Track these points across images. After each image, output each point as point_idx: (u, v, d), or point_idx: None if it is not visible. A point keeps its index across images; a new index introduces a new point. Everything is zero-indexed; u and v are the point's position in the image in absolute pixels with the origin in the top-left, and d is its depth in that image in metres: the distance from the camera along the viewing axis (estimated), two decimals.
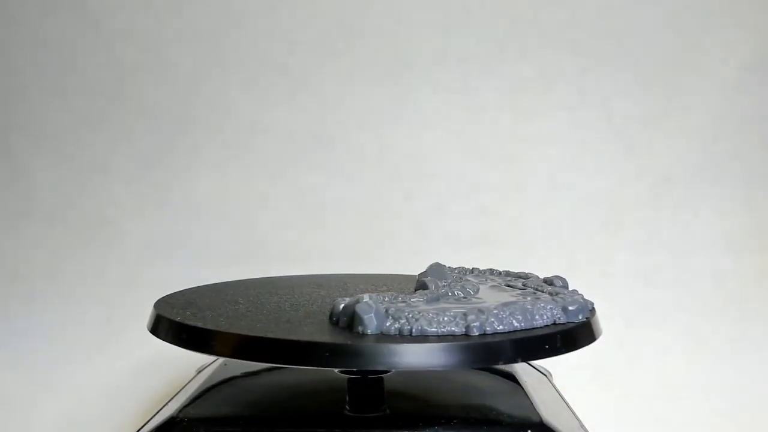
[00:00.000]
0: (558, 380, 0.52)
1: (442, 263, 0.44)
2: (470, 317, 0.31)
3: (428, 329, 0.31)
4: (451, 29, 0.71)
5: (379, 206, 0.72)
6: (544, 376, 0.50)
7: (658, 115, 0.71)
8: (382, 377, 0.37)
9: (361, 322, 0.31)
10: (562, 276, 0.42)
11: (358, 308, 0.32)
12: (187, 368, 0.65)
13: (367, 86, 0.72)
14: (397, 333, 0.31)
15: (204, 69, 0.73)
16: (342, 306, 0.33)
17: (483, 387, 0.42)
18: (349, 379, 0.37)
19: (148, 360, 0.68)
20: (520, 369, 0.46)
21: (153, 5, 0.72)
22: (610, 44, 0.70)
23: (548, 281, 0.42)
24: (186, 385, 0.46)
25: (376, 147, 0.72)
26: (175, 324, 0.34)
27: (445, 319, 0.31)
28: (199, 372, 0.49)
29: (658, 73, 0.70)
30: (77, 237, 0.73)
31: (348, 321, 0.32)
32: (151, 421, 0.38)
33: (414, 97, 0.72)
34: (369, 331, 0.31)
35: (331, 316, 0.34)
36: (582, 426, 0.40)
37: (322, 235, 0.72)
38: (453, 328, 0.31)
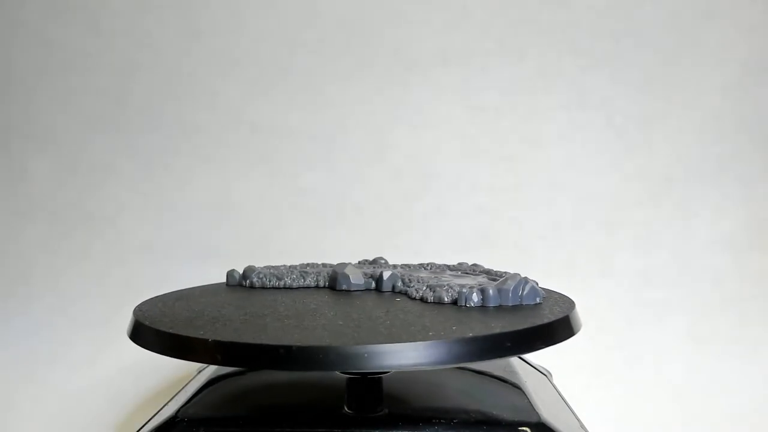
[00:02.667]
0: (558, 380, 0.52)
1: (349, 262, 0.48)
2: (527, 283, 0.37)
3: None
4: (451, 29, 0.71)
5: (379, 206, 0.72)
6: (544, 376, 0.50)
7: (658, 115, 0.71)
8: (381, 377, 0.37)
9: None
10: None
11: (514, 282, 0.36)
12: (187, 368, 0.65)
13: (368, 86, 0.72)
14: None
15: (204, 69, 0.73)
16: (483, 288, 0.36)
17: (483, 387, 0.42)
18: (349, 378, 0.37)
19: (147, 360, 0.68)
20: (520, 369, 0.46)
21: (153, 6, 0.72)
22: (610, 44, 0.70)
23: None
24: (186, 385, 0.46)
25: (377, 147, 0.72)
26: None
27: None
28: (199, 372, 0.49)
29: (658, 73, 0.70)
30: (77, 237, 0.73)
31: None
32: (151, 421, 0.38)
33: (414, 97, 0.72)
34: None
35: (441, 298, 0.36)
36: (582, 426, 0.40)
37: (321, 236, 0.72)
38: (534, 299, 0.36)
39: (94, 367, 0.70)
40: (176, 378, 0.67)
